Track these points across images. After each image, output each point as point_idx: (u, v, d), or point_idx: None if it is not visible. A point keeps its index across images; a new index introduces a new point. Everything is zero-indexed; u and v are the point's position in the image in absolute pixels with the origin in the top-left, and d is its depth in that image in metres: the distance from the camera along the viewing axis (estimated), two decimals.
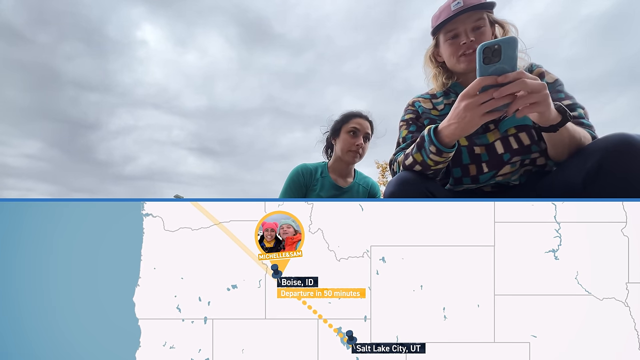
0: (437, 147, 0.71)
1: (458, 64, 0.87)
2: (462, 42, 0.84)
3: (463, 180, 0.86)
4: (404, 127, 0.95)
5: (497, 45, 0.57)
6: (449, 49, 0.87)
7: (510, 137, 0.81)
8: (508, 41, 0.57)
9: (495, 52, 0.58)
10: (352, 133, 1.25)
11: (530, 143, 0.79)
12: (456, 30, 0.84)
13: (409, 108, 0.97)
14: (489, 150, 0.83)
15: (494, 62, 0.58)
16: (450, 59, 0.88)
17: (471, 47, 0.83)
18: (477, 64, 0.60)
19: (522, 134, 0.80)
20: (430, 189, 0.75)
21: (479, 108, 0.62)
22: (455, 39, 0.85)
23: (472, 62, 0.84)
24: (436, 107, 0.93)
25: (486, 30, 0.84)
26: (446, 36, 0.87)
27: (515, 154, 0.80)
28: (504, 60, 0.58)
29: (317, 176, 1.30)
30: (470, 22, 0.83)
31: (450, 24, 0.84)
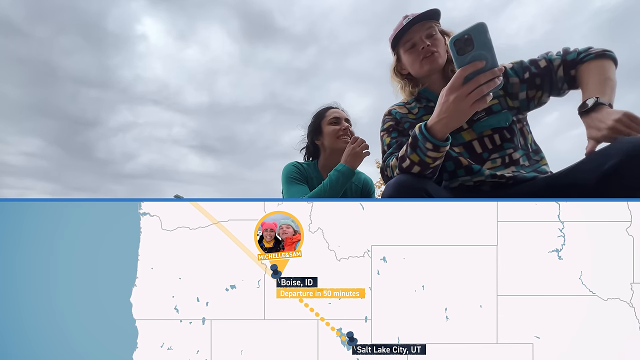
0: (434, 143, 0.71)
1: (421, 68, 0.93)
2: (420, 48, 0.91)
3: (457, 173, 0.88)
4: (385, 136, 0.97)
5: (467, 35, 0.58)
6: (410, 57, 0.95)
7: (485, 137, 0.88)
8: (476, 27, 0.57)
9: (467, 42, 0.58)
10: (334, 122, 1.27)
11: (502, 142, 0.87)
12: (412, 39, 0.93)
13: (386, 117, 1.01)
14: (468, 149, 0.89)
15: (468, 51, 0.59)
16: (413, 65, 0.95)
17: (429, 50, 0.91)
18: (453, 57, 0.61)
19: (495, 135, 0.87)
20: (428, 190, 0.75)
21: (467, 98, 0.63)
22: (414, 47, 0.93)
23: (434, 62, 0.91)
24: (411, 112, 0.98)
25: (438, 37, 0.93)
26: (405, 47, 0.95)
27: (492, 152, 0.87)
28: (477, 46, 0.58)
29: (309, 174, 1.28)
30: (423, 31, 0.92)
31: (406, 35, 0.93)
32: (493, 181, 0.84)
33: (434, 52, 0.91)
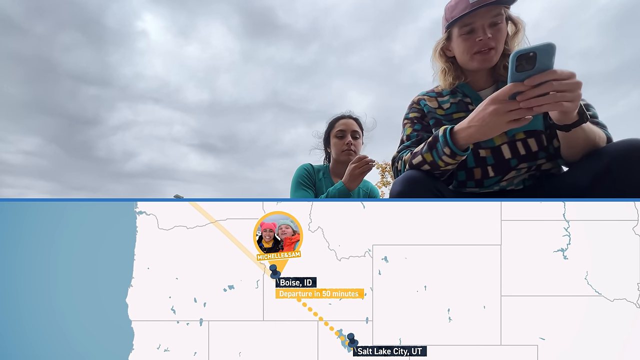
0: (452, 150, 0.68)
1: (471, 62, 0.82)
2: (478, 39, 0.78)
3: (467, 184, 0.84)
4: (408, 125, 0.91)
5: (532, 53, 0.54)
6: (463, 45, 0.81)
7: (518, 141, 0.77)
8: (545, 48, 0.53)
9: (530, 60, 0.54)
10: (340, 135, 1.31)
11: (538, 150, 0.76)
12: (473, 24, 0.78)
13: (413, 106, 0.94)
14: (495, 153, 0.79)
15: (527, 69, 0.55)
16: (463, 55, 0.83)
17: (487, 44, 0.78)
18: (509, 71, 0.56)
19: (530, 140, 0.76)
20: (439, 189, 0.73)
21: (506, 115, 0.59)
22: (471, 34, 0.79)
23: (486, 61, 0.80)
24: (442, 106, 0.89)
25: (503, 27, 0.79)
26: (461, 30, 0.80)
27: (522, 161, 0.77)
28: (538, 68, 0.54)
29: (319, 176, 1.33)
30: (488, 17, 0.77)
31: (468, 17, 0.78)
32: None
33: (491, 49, 0.79)
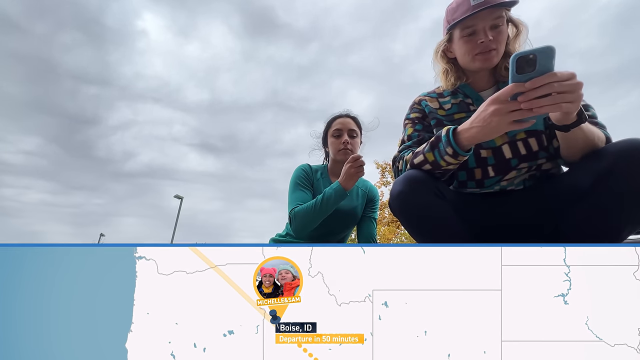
0: (454, 150, 0.68)
1: (472, 63, 0.83)
2: (479, 41, 0.79)
3: (467, 184, 0.85)
4: (409, 125, 0.91)
5: (533, 55, 0.54)
6: (464, 47, 0.82)
7: (518, 141, 0.78)
8: (545, 51, 0.53)
9: (530, 62, 0.55)
10: (337, 134, 1.31)
11: (539, 149, 0.76)
12: (474, 27, 0.79)
13: (415, 107, 0.94)
14: (496, 153, 0.80)
15: (528, 71, 0.55)
16: (464, 57, 0.84)
17: (489, 46, 0.79)
18: (510, 73, 0.57)
19: (531, 140, 0.77)
20: (439, 188, 0.73)
21: (507, 115, 0.59)
22: (472, 36, 0.80)
23: (487, 62, 0.81)
24: (443, 107, 0.89)
25: (504, 29, 0.80)
26: (463, 32, 0.81)
27: (523, 160, 0.78)
28: (538, 70, 0.54)
29: (317, 176, 1.33)
30: (490, 20, 0.78)
31: (469, 20, 0.79)
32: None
33: (492, 50, 0.79)
